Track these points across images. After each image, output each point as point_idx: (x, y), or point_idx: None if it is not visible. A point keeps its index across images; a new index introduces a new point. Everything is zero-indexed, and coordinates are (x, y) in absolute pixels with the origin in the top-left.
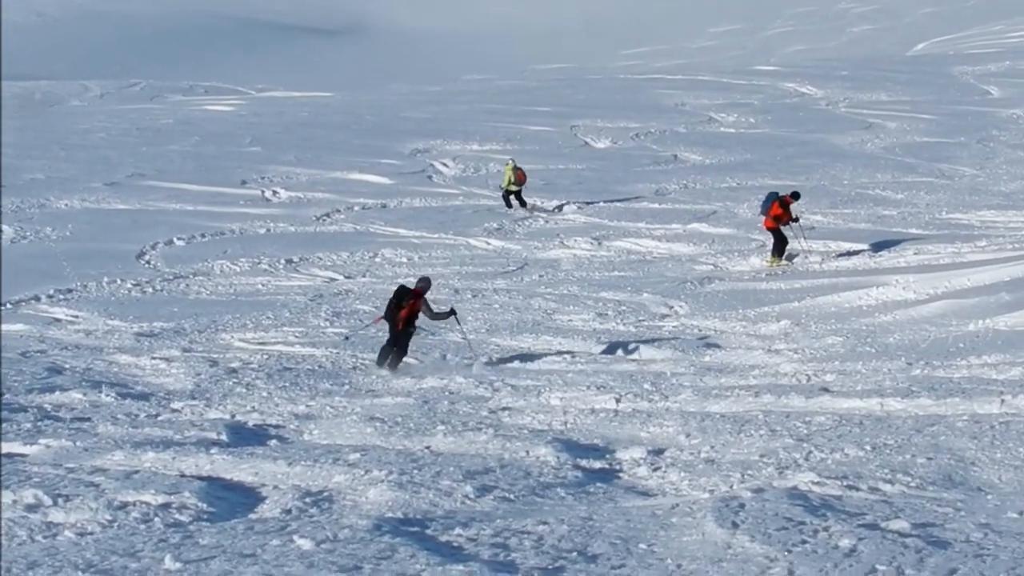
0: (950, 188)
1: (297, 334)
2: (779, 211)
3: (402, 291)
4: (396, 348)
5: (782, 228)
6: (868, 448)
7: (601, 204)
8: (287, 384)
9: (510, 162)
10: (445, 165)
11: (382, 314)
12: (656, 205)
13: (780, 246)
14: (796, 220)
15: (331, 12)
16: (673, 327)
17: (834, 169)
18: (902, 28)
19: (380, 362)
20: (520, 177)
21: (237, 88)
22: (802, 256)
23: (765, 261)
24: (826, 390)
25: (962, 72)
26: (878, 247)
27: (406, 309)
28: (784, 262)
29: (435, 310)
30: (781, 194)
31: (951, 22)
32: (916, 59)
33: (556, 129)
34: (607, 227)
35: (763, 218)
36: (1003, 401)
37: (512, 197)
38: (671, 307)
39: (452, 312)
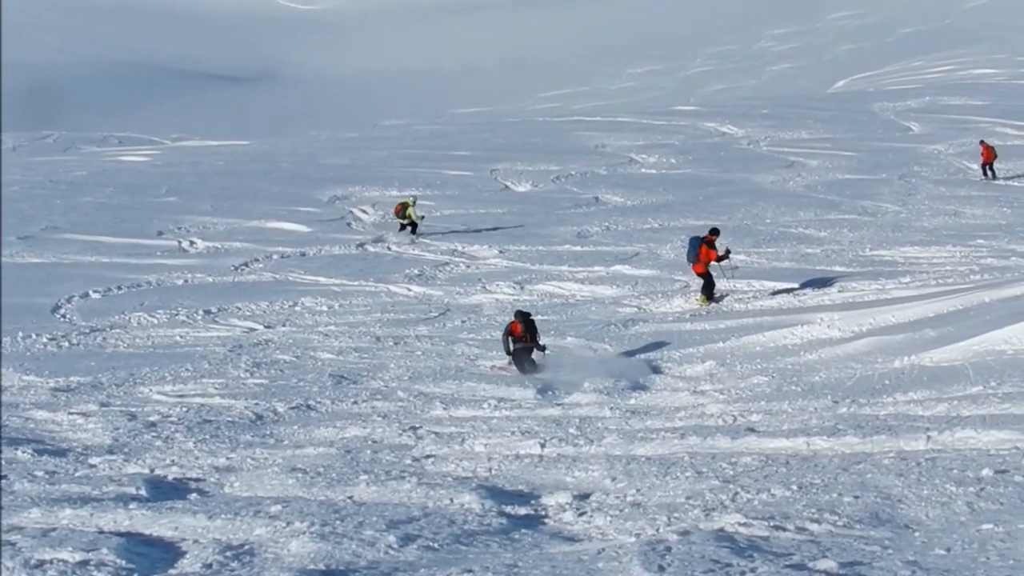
0: (873, 225)
1: (217, 385)
2: (708, 252)
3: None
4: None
5: (709, 268)
6: (795, 488)
7: (524, 247)
8: (207, 436)
9: (409, 200)
10: (364, 212)
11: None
12: (578, 248)
13: (708, 286)
14: (727, 256)
15: (244, 59)
16: None
17: (756, 208)
18: (822, 66)
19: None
20: (397, 210)
21: (151, 138)
22: (727, 296)
23: (695, 300)
24: (752, 430)
25: (883, 108)
26: (802, 285)
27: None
28: (713, 303)
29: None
30: (702, 237)
31: (871, 59)
32: (836, 96)
33: (475, 173)
34: (529, 271)
35: (692, 264)
36: (929, 437)
37: (409, 227)
38: (595, 350)
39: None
